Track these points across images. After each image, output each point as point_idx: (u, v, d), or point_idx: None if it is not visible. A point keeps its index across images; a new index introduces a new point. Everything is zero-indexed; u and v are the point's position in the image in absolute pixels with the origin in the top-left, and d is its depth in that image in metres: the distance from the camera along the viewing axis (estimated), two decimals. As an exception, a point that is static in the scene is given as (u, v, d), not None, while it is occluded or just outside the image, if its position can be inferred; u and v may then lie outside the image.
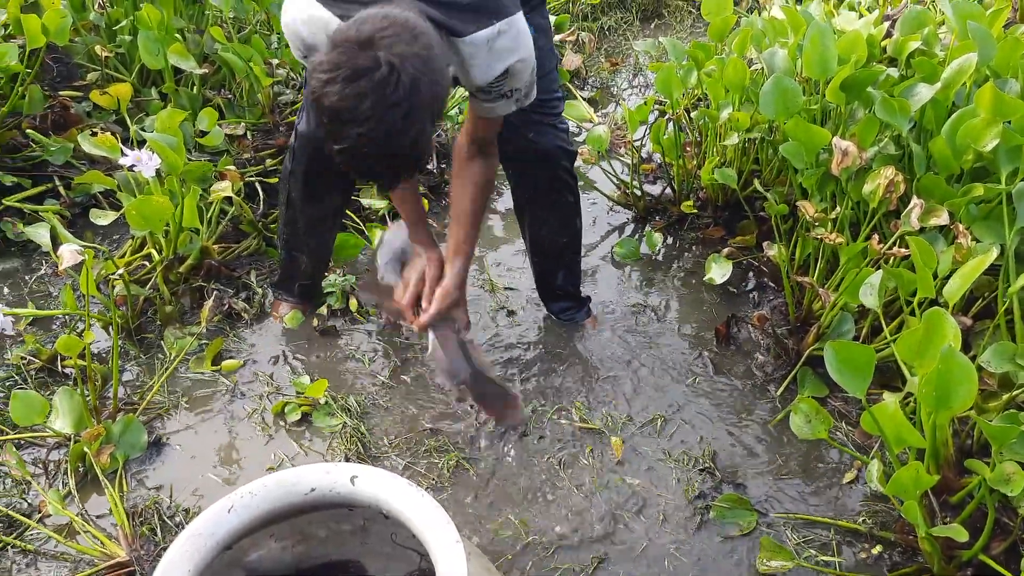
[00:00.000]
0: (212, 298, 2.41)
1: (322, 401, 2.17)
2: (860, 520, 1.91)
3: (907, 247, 2.01)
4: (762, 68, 2.64)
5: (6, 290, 2.58)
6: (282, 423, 2.14)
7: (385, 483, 1.47)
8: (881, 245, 2.05)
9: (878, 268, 2.08)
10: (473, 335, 2.21)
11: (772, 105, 2.30)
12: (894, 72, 2.43)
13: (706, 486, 1.99)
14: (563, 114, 2.22)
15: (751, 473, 2.04)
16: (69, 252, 1.87)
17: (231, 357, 2.35)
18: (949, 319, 1.57)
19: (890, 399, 1.68)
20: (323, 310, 2.49)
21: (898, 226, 2.10)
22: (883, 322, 2.02)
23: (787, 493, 1.99)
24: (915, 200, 2.04)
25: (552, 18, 3.93)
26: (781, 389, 2.25)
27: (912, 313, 1.96)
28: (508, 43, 1.71)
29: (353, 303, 2.51)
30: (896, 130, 2.21)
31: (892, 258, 2.07)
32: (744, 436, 2.14)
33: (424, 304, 1.95)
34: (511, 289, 2.64)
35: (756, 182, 2.54)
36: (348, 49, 1.41)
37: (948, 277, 1.85)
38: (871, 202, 2.12)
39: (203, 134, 2.78)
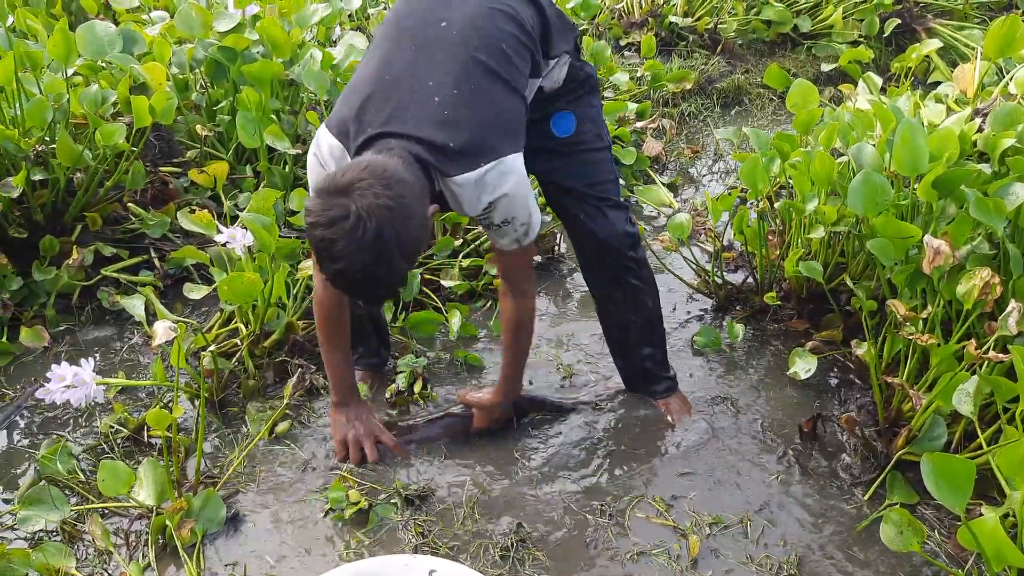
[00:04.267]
0: (296, 375, 2.45)
1: (381, 496, 2.16)
2: (954, 639, 1.81)
3: (1004, 351, 1.94)
4: (848, 161, 2.62)
5: (99, 357, 2.67)
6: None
7: (464, 579, 1.46)
8: (977, 350, 1.98)
9: (972, 371, 2.01)
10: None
11: (860, 201, 2.28)
12: (986, 168, 2.39)
13: (790, 594, 1.92)
14: (622, 197, 2.28)
15: (837, 582, 1.96)
16: (163, 328, 1.93)
17: (308, 432, 2.38)
18: (1054, 434, 1.50)
19: (989, 514, 1.61)
20: (392, 387, 2.50)
21: (993, 328, 2.03)
22: (978, 428, 1.95)
23: (875, 606, 1.90)
24: (1013, 304, 1.99)
25: (634, 105, 3.99)
26: (869, 493, 2.16)
27: (1011, 422, 1.88)
28: (493, 180, 1.85)
29: (418, 386, 2.52)
30: (990, 229, 2.16)
31: (986, 362, 2.01)
32: (829, 541, 2.06)
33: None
34: (587, 373, 2.63)
35: (846, 278, 2.49)
36: (326, 198, 1.66)
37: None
38: (965, 304, 2.06)
39: (293, 213, 2.86)
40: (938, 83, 4.05)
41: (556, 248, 3.24)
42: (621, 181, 3.70)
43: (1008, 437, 1.85)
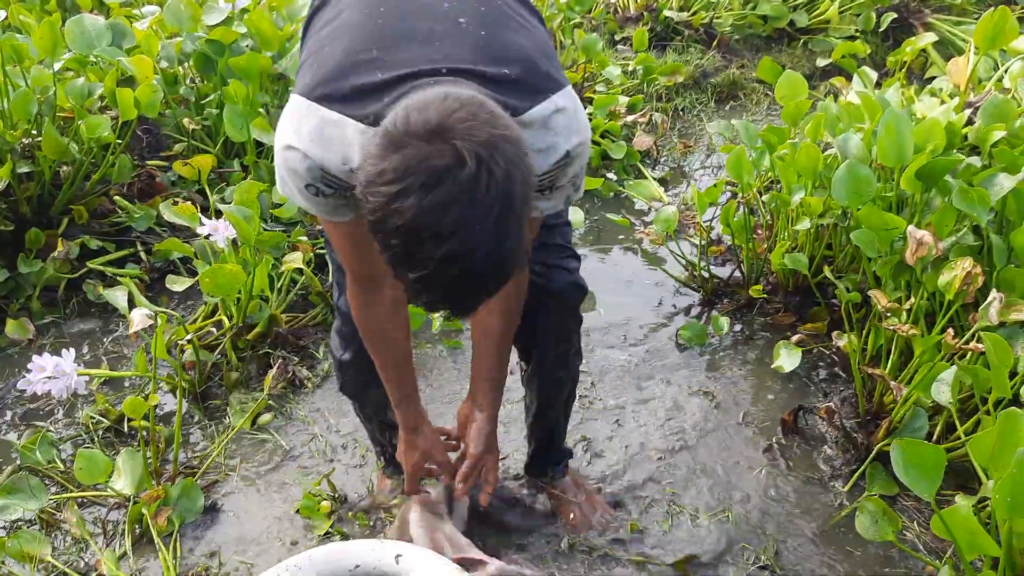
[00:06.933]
0: (277, 366, 2.45)
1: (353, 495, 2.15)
2: (932, 630, 1.80)
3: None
4: (836, 153, 2.60)
5: (84, 349, 2.67)
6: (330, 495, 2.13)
7: (428, 564, 1.46)
8: (957, 340, 1.97)
9: (952, 362, 2.00)
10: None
11: (845, 192, 2.26)
12: (976, 161, 2.37)
13: (765, 585, 1.91)
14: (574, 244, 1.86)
15: (814, 574, 1.94)
16: (140, 316, 1.93)
17: (290, 423, 2.38)
18: (1026, 422, 1.49)
19: (962, 503, 1.60)
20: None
21: (976, 319, 2.02)
22: (956, 420, 1.94)
23: (853, 597, 1.89)
24: (994, 293, 1.97)
25: (625, 99, 3.98)
26: (849, 485, 2.15)
27: (988, 412, 1.87)
28: (568, 121, 1.39)
29: None
30: (975, 220, 2.14)
31: (969, 353, 1.99)
32: (808, 533, 2.05)
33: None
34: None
35: (827, 269, 2.48)
36: (416, 146, 1.10)
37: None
38: (947, 294, 2.05)
39: (277, 205, 2.86)
40: (934, 78, 4.03)
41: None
42: (612, 176, 3.74)
43: (986, 427, 1.84)
